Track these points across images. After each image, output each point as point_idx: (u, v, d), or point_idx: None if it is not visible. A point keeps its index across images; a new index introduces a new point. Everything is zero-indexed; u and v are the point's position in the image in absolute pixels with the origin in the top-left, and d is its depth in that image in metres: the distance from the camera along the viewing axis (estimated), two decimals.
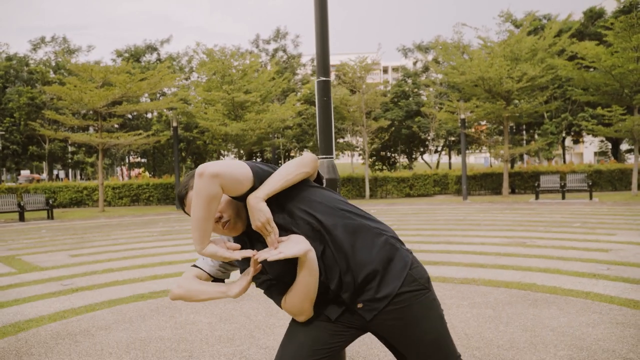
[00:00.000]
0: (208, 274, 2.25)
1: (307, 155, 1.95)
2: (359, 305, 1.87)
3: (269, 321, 4.68)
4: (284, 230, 1.85)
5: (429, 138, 36.74)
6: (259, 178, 1.83)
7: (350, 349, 3.86)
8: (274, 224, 1.80)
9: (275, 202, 1.85)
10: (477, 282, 5.85)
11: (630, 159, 34.03)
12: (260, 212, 1.77)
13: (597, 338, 3.85)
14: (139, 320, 4.90)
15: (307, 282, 1.82)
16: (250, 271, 1.89)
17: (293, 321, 1.99)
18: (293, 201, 1.86)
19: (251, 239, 1.97)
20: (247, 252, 1.84)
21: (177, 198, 2.04)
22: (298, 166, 1.89)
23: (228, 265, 2.23)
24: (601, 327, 4.10)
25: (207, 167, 1.72)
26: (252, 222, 1.81)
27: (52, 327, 4.80)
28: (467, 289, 5.56)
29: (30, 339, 4.46)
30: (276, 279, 1.94)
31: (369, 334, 2.00)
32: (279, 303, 1.95)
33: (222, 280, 2.24)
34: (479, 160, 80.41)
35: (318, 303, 1.93)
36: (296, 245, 1.79)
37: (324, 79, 3.00)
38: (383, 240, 1.87)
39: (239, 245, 1.90)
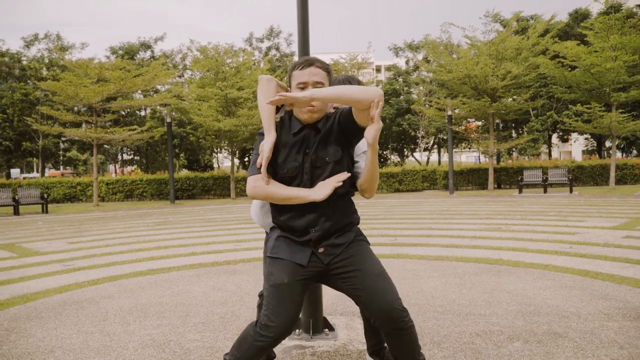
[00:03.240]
0: None
1: (375, 89, 2.24)
2: (321, 250, 2.37)
3: (258, 289, 5.17)
4: (315, 164, 2.31)
5: (419, 136, 37.34)
6: None
7: (328, 305, 4.37)
8: (293, 97, 2.15)
9: (329, 139, 2.31)
10: (449, 259, 6.37)
11: None
12: (301, 93, 2.17)
13: (545, 297, 4.38)
14: (139, 290, 5.37)
15: (296, 200, 2.29)
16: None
17: (276, 289, 2.33)
18: (342, 153, 2.33)
19: (307, 140, 2.35)
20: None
21: (307, 59, 2.36)
22: (356, 90, 2.15)
23: None
24: (551, 289, 4.64)
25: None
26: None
27: (59, 297, 5.25)
28: (440, 264, 6.08)
29: (39, 306, 4.90)
30: (277, 179, 2.35)
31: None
32: (255, 181, 2.31)
33: None
34: (469, 159, 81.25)
35: (291, 244, 2.41)
36: (323, 189, 2.25)
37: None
38: (356, 217, 2.50)
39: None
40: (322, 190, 2.25)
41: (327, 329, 3.64)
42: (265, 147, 2.27)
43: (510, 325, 3.65)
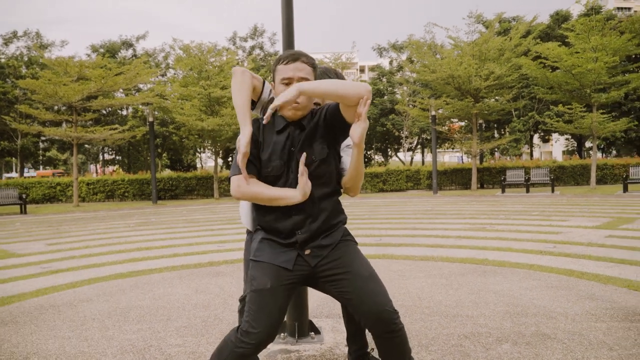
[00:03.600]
0: None
1: (364, 84, 2.14)
2: (307, 252, 2.27)
3: (241, 292, 5.07)
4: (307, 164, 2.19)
5: (402, 136, 37.46)
6: None
7: (313, 307, 4.29)
8: (281, 102, 2.07)
9: (315, 136, 2.22)
10: (435, 259, 6.34)
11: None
12: (287, 92, 2.08)
13: (532, 298, 4.35)
14: (119, 293, 5.23)
15: (283, 201, 2.20)
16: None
17: (258, 294, 2.24)
18: (329, 151, 2.25)
19: (291, 138, 2.25)
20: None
21: (293, 54, 2.26)
22: (344, 85, 2.07)
23: None
24: (537, 290, 4.61)
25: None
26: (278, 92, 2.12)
27: (35, 300, 5.08)
28: (426, 264, 6.04)
29: (14, 310, 4.74)
30: (261, 178, 2.25)
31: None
32: (239, 181, 2.21)
33: None
34: (452, 159, 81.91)
35: (275, 246, 2.31)
36: (305, 186, 2.14)
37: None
38: (344, 217, 2.40)
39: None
40: (305, 188, 2.15)
41: (312, 333, 3.55)
42: (242, 142, 2.15)
43: (498, 326, 3.61)
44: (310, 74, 2.25)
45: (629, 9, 57.89)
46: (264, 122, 2.15)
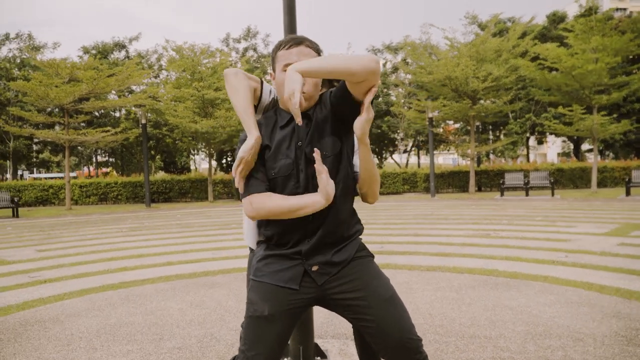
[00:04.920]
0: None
1: (369, 55, 1.83)
2: (314, 268, 1.94)
3: (239, 306, 4.77)
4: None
5: (398, 138, 37.20)
6: None
7: (318, 326, 3.99)
8: (298, 97, 1.73)
9: (325, 128, 1.92)
10: (442, 269, 6.05)
11: (591, 158, 35.25)
12: (291, 81, 1.74)
13: (552, 315, 4.07)
14: (109, 308, 4.92)
15: (305, 208, 1.88)
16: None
17: (254, 322, 1.96)
18: (342, 145, 1.95)
19: (297, 132, 1.95)
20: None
21: (295, 37, 1.99)
22: (348, 59, 1.77)
23: None
24: (557, 306, 4.33)
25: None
26: (284, 92, 1.77)
27: (20, 315, 4.77)
28: (433, 275, 5.75)
29: None
30: (270, 182, 1.94)
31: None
32: (250, 199, 1.92)
33: None
34: (447, 160, 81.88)
35: (279, 261, 1.98)
36: (328, 187, 1.84)
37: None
38: (360, 227, 2.12)
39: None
40: (327, 188, 1.83)
41: (319, 357, 3.26)
42: (245, 147, 1.85)
43: (521, 350, 3.31)
44: None
45: (625, 9, 58.01)
46: (298, 123, 1.79)
